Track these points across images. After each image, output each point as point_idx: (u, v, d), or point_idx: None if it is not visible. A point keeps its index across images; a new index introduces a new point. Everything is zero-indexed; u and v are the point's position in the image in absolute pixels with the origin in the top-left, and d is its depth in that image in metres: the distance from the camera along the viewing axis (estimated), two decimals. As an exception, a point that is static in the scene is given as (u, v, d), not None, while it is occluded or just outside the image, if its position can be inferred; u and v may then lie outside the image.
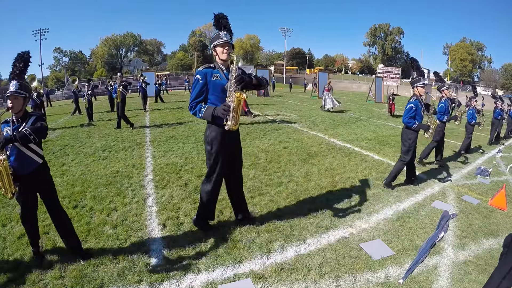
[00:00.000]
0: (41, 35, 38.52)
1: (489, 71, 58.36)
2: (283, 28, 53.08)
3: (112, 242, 2.94)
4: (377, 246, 3.02)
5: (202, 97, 2.68)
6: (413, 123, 4.37)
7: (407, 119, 4.42)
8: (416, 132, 4.42)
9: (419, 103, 4.43)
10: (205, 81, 2.65)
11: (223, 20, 2.72)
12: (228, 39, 2.65)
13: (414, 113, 4.39)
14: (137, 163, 5.57)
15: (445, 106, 6.07)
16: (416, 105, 4.41)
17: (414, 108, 4.38)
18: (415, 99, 4.46)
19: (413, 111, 4.38)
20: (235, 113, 2.51)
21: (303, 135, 8.32)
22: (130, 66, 60.64)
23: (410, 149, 4.42)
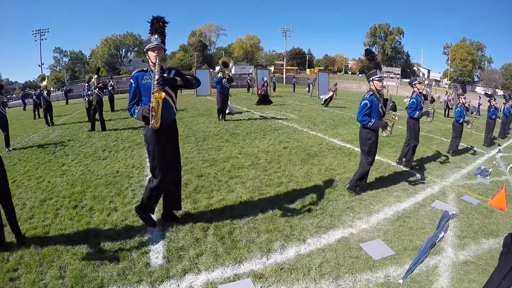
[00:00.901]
0: (41, 35, 38.54)
1: (489, 71, 58.30)
2: (283, 28, 53.08)
3: (112, 242, 2.94)
4: (377, 246, 3.02)
5: (136, 99, 2.86)
6: (368, 121, 4.00)
7: (361, 117, 4.03)
8: (374, 131, 4.09)
9: (376, 99, 4.05)
10: (137, 84, 2.82)
11: (157, 24, 2.84)
12: (158, 43, 2.78)
13: (369, 110, 4.03)
14: (137, 163, 5.57)
15: (416, 101, 5.67)
16: (371, 101, 4.02)
17: (369, 105, 4.01)
18: (371, 94, 4.05)
19: (368, 108, 4.01)
20: (154, 112, 2.64)
21: (303, 135, 8.32)
22: (130, 66, 60.59)
23: (371, 150, 4.11)
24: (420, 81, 5.76)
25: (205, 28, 69.69)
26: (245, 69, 51.86)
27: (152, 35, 2.81)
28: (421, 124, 6.07)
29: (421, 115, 5.67)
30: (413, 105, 5.69)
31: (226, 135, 8.03)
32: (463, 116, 7.07)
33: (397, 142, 7.93)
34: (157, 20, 2.84)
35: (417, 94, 5.70)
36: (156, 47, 2.77)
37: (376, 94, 4.06)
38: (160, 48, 2.79)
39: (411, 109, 5.68)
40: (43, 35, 38.71)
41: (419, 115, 5.65)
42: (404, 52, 69.35)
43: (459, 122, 7.11)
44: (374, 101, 4.03)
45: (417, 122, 5.73)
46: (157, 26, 2.83)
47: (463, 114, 7.07)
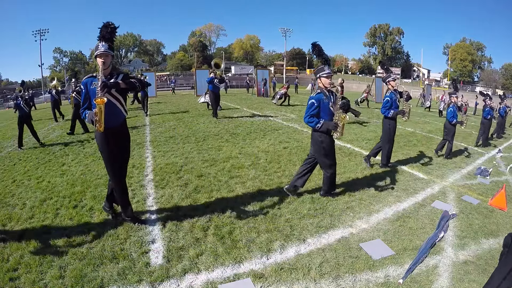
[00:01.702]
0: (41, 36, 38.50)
1: (489, 71, 58.33)
2: (283, 29, 53.03)
3: (112, 242, 2.94)
4: (377, 246, 3.02)
5: (87, 104, 2.95)
6: (317, 123, 3.62)
7: (308, 118, 3.65)
8: (327, 133, 3.70)
9: (324, 97, 3.67)
10: (86, 90, 2.92)
11: (105, 31, 2.90)
12: (105, 49, 2.86)
13: (317, 110, 3.65)
14: (137, 163, 5.57)
15: (390, 100, 5.31)
16: (318, 99, 3.65)
17: (316, 104, 3.62)
18: (318, 92, 3.68)
19: (315, 107, 3.62)
20: (97, 117, 2.73)
21: (303, 135, 8.32)
22: (130, 67, 60.55)
23: (327, 154, 3.78)
24: (394, 77, 5.47)
25: (205, 28, 69.74)
26: (245, 69, 51.86)
27: (100, 42, 2.88)
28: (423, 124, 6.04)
29: (395, 114, 5.30)
30: (387, 104, 5.33)
31: (226, 135, 8.03)
32: (455, 117, 6.65)
33: (397, 142, 7.91)
34: (105, 26, 2.91)
35: (392, 92, 5.37)
36: (103, 53, 2.85)
37: (325, 92, 3.70)
38: (107, 54, 2.88)
39: (385, 108, 5.33)
40: (43, 35, 38.67)
41: (393, 114, 5.31)
42: (404, 52, 69.44)
43: (451, 123, 6.64)
44: (322, 100, 3.66)
45: (393, 122, 5.42)
46: (104, 33, 2.89)
47: (456, 114, 6.68)
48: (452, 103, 6.71)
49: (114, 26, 2.93)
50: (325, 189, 4.03)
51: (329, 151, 3.78)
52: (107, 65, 2.89)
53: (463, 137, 9.80)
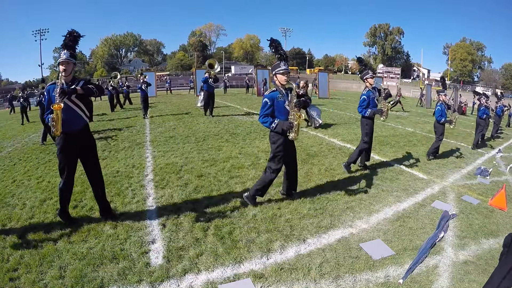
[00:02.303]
0: (41, 35, 38.57)
1: (489, 71, 58.32)
2: (283, 28, 53.19)
3: (112, 242, 2.94)
4: (377, 246, 3.02)
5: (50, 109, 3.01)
6: (271, 122, 3.40)
7: (262, 118, 3.45)
8: (280, 134, 3.46)
9: (280, 96, 3.43)
10: (48, 96, 3.03)
11: (68, 39, 3.05)
12: (67, 57, 2.98)
13: (271, 109, 3.43)
14: (137, 163, 5.57)
15: (367, 98, 5.00)
16: (272, 98, 3.41)
17: (270, 103, 3.40)
18: (273, 91, 3.46)
19: (269, 106, 3.40)
20: (54, 122, 2.87)
21: (303, 135, 8.32)
22: (130, 66, 60.62)
23: (276, 155, 3.56)
24: (372, 75, 5.15)
25: (205, 28, 69.67)
26: (245, 69, 51.87)
27: (62, 50, 3.02)
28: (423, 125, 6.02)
29: (372, 114, 4.98)
30: (363, 103, 4.99)
31: (226, 135, 8.03)
32: (444, 116, 6.35)
33: (397, 142, 7.93)
34: (69, 34, 3.05)
35: (369, 90, 5.06)
36: (64, 61, 2.97)
37: (280, 90, 3.46)
38: (68, 62, 2.99)
39: (362, 107, 5.01)
40: (43, 35, 38.78)
41: (370, 114, 4.98)
42: (404, 52, 69.36)
43: (440, 122, 6.37)
44: (276, 98, 3.42)
45: (370, 122, 5.10)
46: (67, 41, 3.03)
47: (445, 113, 6.35)
48: (440, 101, 6.46)
49: (78, 35, 3.11)
50: (252, 191, 3.73)
51: (279, 153, 3.52)
52: (69, 72, 3.01)
53: (463, 137, 9.81)
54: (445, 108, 6.39)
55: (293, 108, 3.42)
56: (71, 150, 3.07)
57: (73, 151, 3.09)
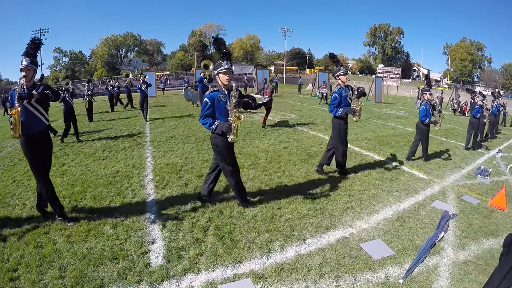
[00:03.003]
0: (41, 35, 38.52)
1: (489, 71, 58.36)
2: (283, 28, 53.11)
3: (112, 242, 2.94)
4: (377, 246, 3.02)
5: None
6: (211, 124, 3.26)
7: (202, 119, 3.28)
8: (222, 136, 3.28)
9: (221, 96, 3.28)
10: (11, 101, 3.14)
11: (29, 46, 3.15)
12: (27, 64, 3.09)
13: (211, 110, 3.26)
14: (137, 163, 5.57)
15: (339, 97, 4.64)
16: (212, 98, 3.24)
17: (210, 104, 3.24)
18: (214, 90, 3.30)
19: (209, 107, 3.24)
20: (13, 125, 3.01)
21: (303, 135, 8.32)
22: (130, 66, 60.56)
23: (226, 159, 3.41)
24: (345, 72, 4.73)
25: (205, 28, 69.67)
26: (245, 69, 51.86)
27: (24, 57, 3.12)
28: None
29: (344, 113, 4.64)
30: (334, 101, 4.65)
31: (226, 135, 8.02)
32: (428, 116, 5.97)
33: (397, 142, 7.93)
34: (32, 41, 3.17)
35: (341, 88, 4.71)
36: (25, 68, 3.07)
37: (222, 90, 3.30)
38: (29, 68, 3.11)
39: (333, 106, 4.68)
40: (43, 35, 38.75)
41: (342, 113, 4.64)
42: (404, 52, 69.46)
43: (424, 123, 6.00)
44: (217, 98, 3.26)
45: (343, 122, 4.75)
46: (29, 48, 3.13)
47: (429, 113, 5.98)
48: (425, 101, 6.06)
49: (39, 42, 3.25)
50: (239, 198, 3.69)
51: (227, 155, 3.40)
52: (29, 78, 3.12)
53: (463, 137, 9.79)
54: (430, 108, 6.03)
55: (233, 109, 3.27)
56: (36, 150, 3.21)
57: (38, 150, 3.22)
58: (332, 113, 4.71)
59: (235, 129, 3.22)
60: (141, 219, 3.43)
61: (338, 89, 4.68)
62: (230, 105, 3.26)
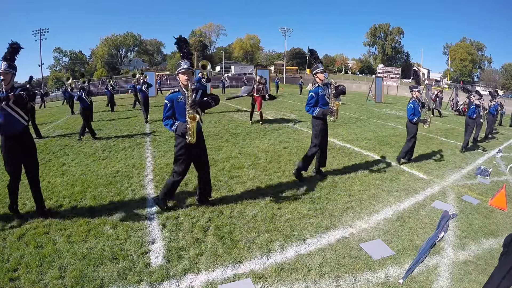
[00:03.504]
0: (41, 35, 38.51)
1: (489, 71, 58.35)
2: (283, 28, 53.13)
3: (112, 242, 2.94)
4: (377, 246, 3.02)
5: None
6: (171, 124, 3.26)
7: (164, 120, 3.32)
8: (181, 136, 3.26)
9: (181, 97, 3.26)
10: None
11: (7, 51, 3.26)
12: (5, 68, 3.21)
13: (171, 111, 3.28)
14: (137, 163, 5.57)
15: (316, 95, 4.38)
16: (172, 99, 3.25)
17: (169, 105, 3.25)
18: (175, 91, 3.31)
19: (168, 108, 3.27)
20: None
21: (303, 135, 8.32)
22: (130, 66, 60.62)
23: (178, 159, 3.41)
24: (323, 69, 4.45)
25: (205, 28, 69.69)
26: (245, 69, 51.87)
27: (2, 61, 3.24)
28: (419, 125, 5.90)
29: (321, 113, 4.40)
30: (311, 100, 4.42)
31: (226, 135, 8.03)
32: (417, 114, 5.70)
33: (397, 142, 7.93)
34: (10, 46, 3.26)
35: (318, 86, 4.45)
36: (3, 72, 3.19)
37: (182, 90, 3.26)
38: (7, 72, 3.22)
39: (310, 105, 4.45)
40: (43, 35, 38.69)
41: (319, 113, 4.40)
42: (404, 52, 69.39)
43: (412, 121, 5.73)
44: (177, 99, 3.25)
45: (321, 122, 4.52)
46: (7, 52, 3.25)
47: (418, 111, 5.71)
48: (413, 99, 5.79)
49: (17, 47, 3.32)
50: (162, 193, 3.60)
51: (180, 156, 3.38)
52: (7, 81, 3.24)
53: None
54: (418, 106, 5.76)
55: (189, 110, 3.20)
56: (15, 151, 3.31)
57: (17, 151, 3.33)
58: (308, 112, 4.53)
59: (191, 130, 3.17)
60: (141, 219, 3.43)
61: (315, 87, 4.47)
62: (189, 105, 3.20)
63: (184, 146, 3.30)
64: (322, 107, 4.45)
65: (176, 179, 3.50)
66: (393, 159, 6.21)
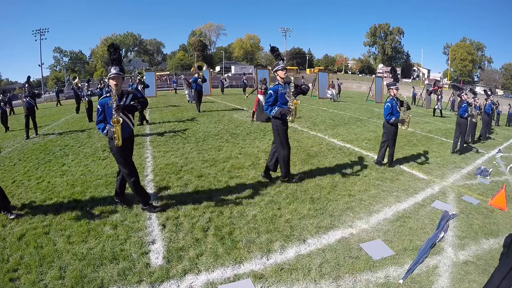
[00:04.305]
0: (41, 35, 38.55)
1: (489, 71, 58.34)
2: (283, 28, 53.29)
3: (112, 242, 2.94)
4: (377, 246, 3.02)
5: None
6: (103, 129, 3.32)
7: (97, 124, 3.38)
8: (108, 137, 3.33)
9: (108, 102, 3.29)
10: None
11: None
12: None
13: (103, 116, 3.32)
14: (137, 163, 5.55)
15: (274, 94, 4.17)
16: (102, 104, 3.30)
17: (101, 110, 3.31)
18: (106, 96, 3.35)
19: (100, 112, 3.31)
20: None
21: (303, 135, 8.32)
22: (130, 66, 60.59)
23: (119, 161, 3.47)
24: (283, 66, 4.22)
25: (205, 28, 69.72)
26: (245, 69, 51.87)
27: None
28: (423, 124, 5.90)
29: (279, 113, 4.14)
30: (269, 99, 4.19)
31: (226, 135, 8.03)
32: (395, 114, 5.28)
33: (397, 142, 7.91)
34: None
35: (278, 84, 4.23)
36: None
37: (113, 94, 3.29)
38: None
39: (267, 104, 4.23)
40: (43, 35, 38.76)
41: (277, 113, 4.15)
42: (404, 52, 69.41)
43: (389, 122, 5.32)
44: (107, 104, 3.30)
45: (280, 123, 4.24)
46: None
47: (396, 111, 5.31)
48: (391, 97, 5.34)
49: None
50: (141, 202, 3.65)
51: (120, 159, 3.42)
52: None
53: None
54: (396, 105, 5.30)
55: (113, 113, 3.25)
56: None
57: None
58: (267, 112, 4.30)
59: (116, 134, 3.22)
60: (141, 219, 3.43)
61: (274, 85, 4.25)
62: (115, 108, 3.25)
63: (114, 147, 3.36)
64: (282, 106, 4.22)
65: (132, 179, 3.49)
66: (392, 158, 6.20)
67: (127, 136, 3.46)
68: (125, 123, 3.40)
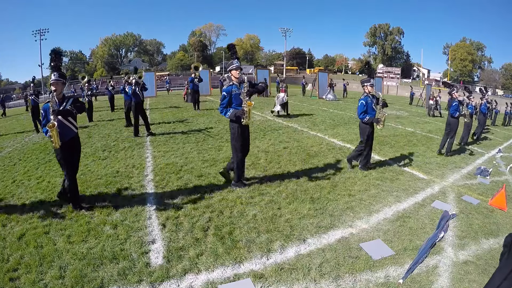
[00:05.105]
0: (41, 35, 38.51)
1: (489, 71, 58.34)
2: (283, 28, 53.17)
3: (112, 242, 2.94)
4: (377, 246, 3.02)
5: None
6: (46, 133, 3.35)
7: (42, 128, 3.44)
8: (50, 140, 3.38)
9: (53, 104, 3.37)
10: None
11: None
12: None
13: (45, 121, 3.38)
14: (137, 163, 5.57)
15: (227, 94, 4.01)
16: (45, 109, 3.39)
17: (44, 114, 3.41)
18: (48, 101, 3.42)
19: (43, 117, 3.43)
20: None
21: (303, 135, 8.32)
22: (130, 66, 60.56)
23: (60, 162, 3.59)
24: (238, 65, 4.07)
25: (205, 28, 69.67)
26: (245, 69, 51.84)
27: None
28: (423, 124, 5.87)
29: (234, 115, 3.98)
30: (223, 101, 4.04)
31: (226, 135, 8.02)
32: (370, 113, 4.97)
33: (397, 142, 7.94)
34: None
35: (233, 85, 4.06)
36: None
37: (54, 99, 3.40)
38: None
39: (222, 106, 4.07)
40: (43, 35, 38.67)
41: (231, 115, 4.00)
42: (404, 52, 69.35)
43: (363, 121, 4.99)
44: (48, 108, 3.41)
45: (236, 125, 4.07)
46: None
47: (371, 108, 5.00)
48: (365, 94, 5.01)
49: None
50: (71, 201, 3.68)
51: (60, 160, 3.55)
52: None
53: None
54: (371, 103, 4.99)
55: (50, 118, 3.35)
56: None
57: None
58: (221, 114, 4.13)
59: (52, 138, 3.31)
60: (141, 219, 3.43)
61: (228, 86, 4.10)
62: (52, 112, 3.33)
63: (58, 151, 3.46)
64: (237, 108, 4.06)
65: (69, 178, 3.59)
66: (393, 159, 6.21)
67: (68, 139, 3.51)
68: (64, 126, 3.49)
